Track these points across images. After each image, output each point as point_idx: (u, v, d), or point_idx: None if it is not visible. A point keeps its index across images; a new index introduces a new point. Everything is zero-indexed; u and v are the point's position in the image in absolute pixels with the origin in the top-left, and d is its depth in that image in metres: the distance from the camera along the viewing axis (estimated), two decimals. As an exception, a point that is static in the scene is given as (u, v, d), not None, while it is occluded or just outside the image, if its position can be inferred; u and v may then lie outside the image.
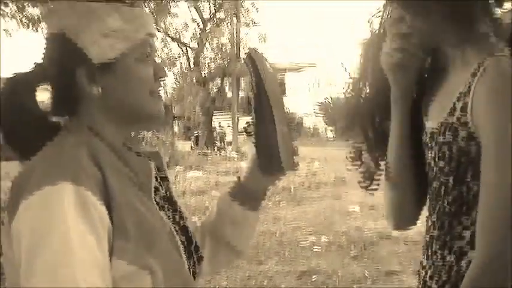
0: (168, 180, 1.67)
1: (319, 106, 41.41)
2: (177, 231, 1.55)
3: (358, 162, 1.98)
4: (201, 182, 16.39)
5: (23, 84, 1.50)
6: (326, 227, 10.54)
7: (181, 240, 1.55)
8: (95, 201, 1.31)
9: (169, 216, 1.57)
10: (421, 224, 6.69)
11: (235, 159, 26.66)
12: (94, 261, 1.29)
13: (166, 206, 1.58)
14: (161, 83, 1.57)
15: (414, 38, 1.66)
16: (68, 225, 1.27)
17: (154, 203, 1.50)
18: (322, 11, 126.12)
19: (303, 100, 41.98)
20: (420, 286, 1.81)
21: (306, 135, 41.55)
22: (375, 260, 8.13)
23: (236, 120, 32.52)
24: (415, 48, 1.68)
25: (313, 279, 7.31)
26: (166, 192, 1.62)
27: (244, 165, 1.77)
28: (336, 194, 14.40)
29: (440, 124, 1.65)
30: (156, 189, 1.56)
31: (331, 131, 38.91)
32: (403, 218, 1.98)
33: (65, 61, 1.47)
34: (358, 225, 10.58)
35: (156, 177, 1.56)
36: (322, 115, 40.96)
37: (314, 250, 8.92)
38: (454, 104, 1.61)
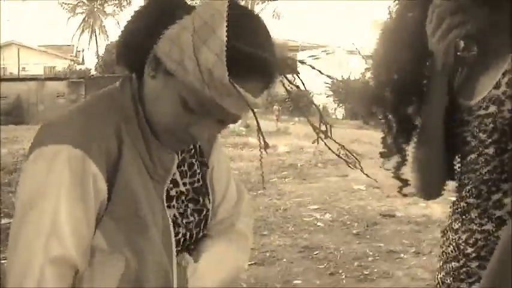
0: (205, 167, 1.65)
1: (330, 86, 41.29)
2: (179, 225, 1.54)
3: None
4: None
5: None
6: (330, 204, 10.60)
7: (181, 238, 1.54)
8: (97, 172, 1.34)
9: (181, 212, 1.56)
10: (424, 205, 6.74)
11: (243, 133, 26.68)
12: (75, 233, 1.33)
13: (182, 199, 1.57)
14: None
15: (470, 25, 1.70)
16: (60, 193, 1.32)
17: (164, 197, 1.50)
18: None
19: (313, 79, 41.89)
20: (450, 248, 1.91)
21: (315, 114, 41.48)
22: (377, 239, 8.19)
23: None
24: (469, 34, 1.73)
25: (315, 254, 7.37)
26: (192, 183, 1.60)
27: (253, 140, 1.77)
28: (342, 173, 14.42)
29: (483, 99, 1.75)
30: (175, 183, 1.55)
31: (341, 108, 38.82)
32: (432, 188, 2.03)
33: (150, 28, 1.37)
34: (362, 204, 10.64)
35: (181, 171, 1.57)
36: (332, 95, 40.86)
37: (317, 226, 9.00)
38: (499, 79, 1.71)
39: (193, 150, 1.62)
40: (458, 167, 1.89)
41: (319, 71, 1.61)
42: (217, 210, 1.67)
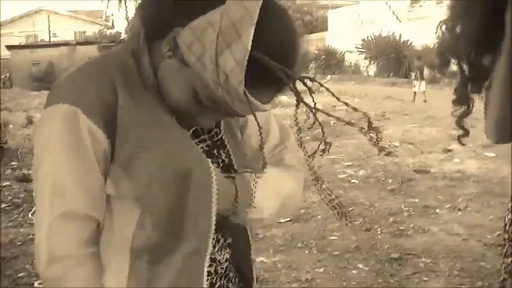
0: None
1: (362, 43, 40.93)
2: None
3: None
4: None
5: None
6: (364, 161, 10.61)
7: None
8: (91, 124, 1.34)
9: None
10: (458, 160, 6.73)
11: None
12: (78, 185, 1.37)
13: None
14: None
15: None
16: (58, 150, 1.36)
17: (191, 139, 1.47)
18: None
19: (345, 36, 41.49)
20: None
21: (347, 72, 41.23)
22: (411, 195, 8.19)
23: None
24: None
25: (350, 210, 7.40)
26: (210, 139, 1.56)
27: (285, 99, 1.73)
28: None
29: None
30: (199, 136, 1.53)
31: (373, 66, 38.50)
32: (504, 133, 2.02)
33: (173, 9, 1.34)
34: (396, 160, 10.62)
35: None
36: (364, 52, 40.50)
37: (352, 182, 9.02)
38: None
39: None
40: None
41: (327, 89, 1.54)
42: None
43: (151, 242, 1.39)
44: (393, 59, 37.06)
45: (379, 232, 6.51)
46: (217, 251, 1.54)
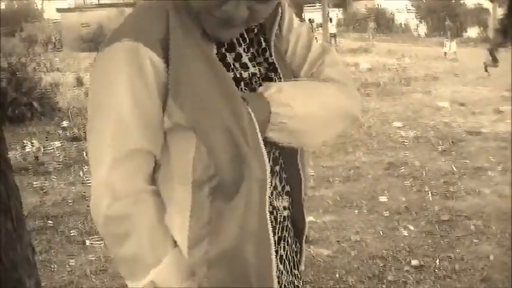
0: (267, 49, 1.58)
1: (412, 2, 40.30)
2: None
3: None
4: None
5: None
6: (414, 121, 10.49)
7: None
8: (153, 55, 1.35)
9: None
10: (510, 121, 6.62)
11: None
12: (142, 119, 1.36)
13: (255, 80, 1.52)
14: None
15: None
16: (119, 84, 1.34)
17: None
18: None
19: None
20: None
21: (397, 31, 40.71)
22: (463, 156, 8.08)
23: (326, 14, 32.07)
24: None
25: (401, 171, 7.34)
26: (262, 63, 1.55)
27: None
28: (425, 90, 14.21)
29: None
30: (245, 66, 1.52)
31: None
32: None
33: None
34: (447, 120, 10.48)
35: (252, 53, 1.54)
36: (414, 11, 39.90)
37: (402, 143, 8.93)
38: None
39: (256, 29, 1.57)
40: None
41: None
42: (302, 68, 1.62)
43: (210, 172, 1.37)
44: (444, 18, 36.44)
45: (429, 193, 6.44)
46: (276, 198, 1.53)
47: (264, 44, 1.57)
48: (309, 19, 36.96)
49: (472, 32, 36.48)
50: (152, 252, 1.36)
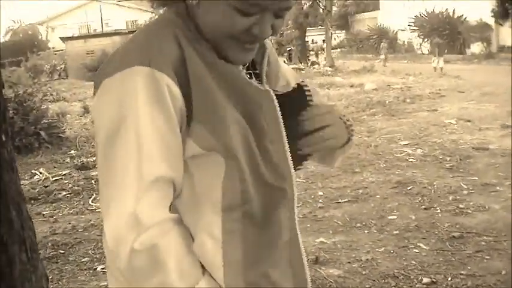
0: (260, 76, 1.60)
1: (414, 20, 40.38)
2: None
3: None
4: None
5: None
6: (421, 139, 10.48)
7: None
8: (170, 82, 1.32)
9: None
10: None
11: (329, 74, 26.54)
12: (164, 148, 1.33)
13: None
14: (250, 39, 1.44)
15: None
16: (140, 114, 1.30)
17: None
18: None
19: (397, 15, 41.00)
20: None
21: (400, 50, 40.79)
22: (471, 172, 8.06)
23: (330, 35, 32.19)
24: None
25: (409, 189, 7.33)
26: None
27: (339, 79, 1.73)
28: (431, 107, 14.21)
29: None
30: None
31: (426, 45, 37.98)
32: None
33: None
34: (454, 137, 10.47)
35: (250, 73, 1.56)
36: (417, 30, 39.98)
37: (409, 161, 8.92)
38: None
39: (247, 65, 1.58)
40: None
41: None
42: None
43: (241, 197, 1.38)
44: (447, 35, 36.52)
45: (438, 211, 6.43)
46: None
47: (254, 78, 1.57)
48: (312, 40, 37.10)
49: (475, 48, 36.50)
50: (184, 281, 1.33)
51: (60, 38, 41.94)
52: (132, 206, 1.30)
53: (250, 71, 1.57)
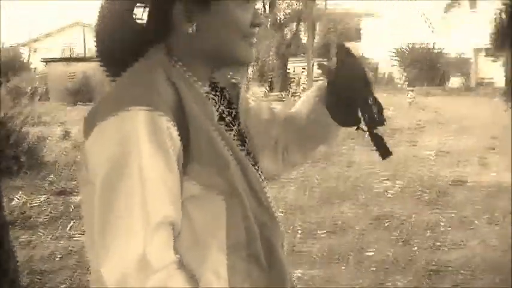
0: (237, 117, 1.65)
1: (395, 53, 40.77)
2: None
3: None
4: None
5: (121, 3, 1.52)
6: (400, 173, 10.54)
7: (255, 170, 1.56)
8: (170, 125, 1.33)
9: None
10: (495, 173, 6.66)
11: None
12: (167, 190, 1.33)
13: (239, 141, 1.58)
14: (256, 30, 1.53)
15: None
16: (142, 156, 1.30)
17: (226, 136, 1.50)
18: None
19: (378, 46, 41.35)
20: None
21: (381, 82, 41.10)
22: (448, 207, 8.12)
23: (311, 65, 32.36)
24: None
25: (386, 224, 7.37)
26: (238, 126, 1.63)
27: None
28: (410, 140, 14.30)
29: None
30: (229, 124, 1.57)
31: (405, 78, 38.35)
32: None
33: None
34: (433, 171, 10.54)
35: (229, 112, 1.60)
36: (398, 61, 40.34)
37: (388, 195, 8.97)
38: None
39: (226, 101, 1.63)
40: None
41: None
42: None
43: (246, 233, 1.40)
44: (427, 68, 36.91)
45: (416, 247, 6.46)
46: None
47: (232, 115, 1.63)
48: (293, 69, 37.25)
49: (455, 81, 36.90)
50: None
51: (42, 59, 41.76)
52: (140, 248, 1.28)
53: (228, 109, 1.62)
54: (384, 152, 1.67)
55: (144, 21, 1.51)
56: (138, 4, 1.52)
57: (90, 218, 1.36)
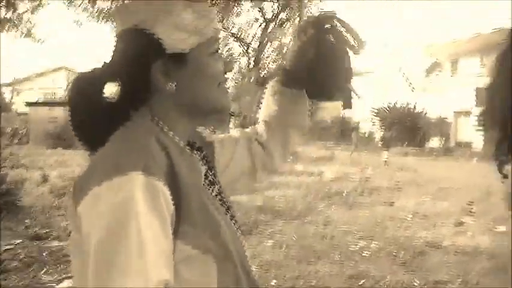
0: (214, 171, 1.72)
1: (376, 112, 41.17)
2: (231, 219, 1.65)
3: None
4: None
5: (90, 82, 1.57)
6: (377, 233, 10.56)
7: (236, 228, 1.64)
8: (165, 189, 1.34)
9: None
10: (471, 235, 6.72)
11: (289, 160, 26.62)
12: (162, 253, 1.33)
13: (219, 199, 1.65)
14: (227, 75, 1.64)
15: None
16: (140, 219, 1.29)
17: (211, 196, 1.59)
18: (382, 15, 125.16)
19: (360, 106, 41.75)
20: None
21: (362, 141, 41.39)
22: (423, 269, 8.14)
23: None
24: None
25: (361, 283, 7.37)
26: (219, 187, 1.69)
27: (299, 167, 1.89)
28: (388, 200, 14.36)
29: None
30: (212, 183, 1.64)
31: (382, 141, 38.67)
32: None
33: (140, 56, 1.50)
34: (409, 233, 10.58)
35: (210, 172, 1.67)
36: (378, 121, 40.71)
37: (363, 255, 8.98)
38: None
39: (205, 160, 1.70)
40: None
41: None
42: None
43: None
44: (407, 128, 37.27)
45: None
46: None
47: (212, 171, 1.71)
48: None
49: (434, 142, 37.27)
50: None
51: (25, 103, 41.71)
52: None
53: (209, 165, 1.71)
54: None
55: (114, 98, 1.56)
56: (109, 77, 1.57)
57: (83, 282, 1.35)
